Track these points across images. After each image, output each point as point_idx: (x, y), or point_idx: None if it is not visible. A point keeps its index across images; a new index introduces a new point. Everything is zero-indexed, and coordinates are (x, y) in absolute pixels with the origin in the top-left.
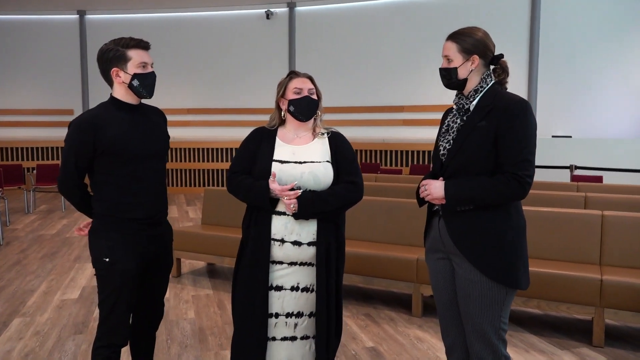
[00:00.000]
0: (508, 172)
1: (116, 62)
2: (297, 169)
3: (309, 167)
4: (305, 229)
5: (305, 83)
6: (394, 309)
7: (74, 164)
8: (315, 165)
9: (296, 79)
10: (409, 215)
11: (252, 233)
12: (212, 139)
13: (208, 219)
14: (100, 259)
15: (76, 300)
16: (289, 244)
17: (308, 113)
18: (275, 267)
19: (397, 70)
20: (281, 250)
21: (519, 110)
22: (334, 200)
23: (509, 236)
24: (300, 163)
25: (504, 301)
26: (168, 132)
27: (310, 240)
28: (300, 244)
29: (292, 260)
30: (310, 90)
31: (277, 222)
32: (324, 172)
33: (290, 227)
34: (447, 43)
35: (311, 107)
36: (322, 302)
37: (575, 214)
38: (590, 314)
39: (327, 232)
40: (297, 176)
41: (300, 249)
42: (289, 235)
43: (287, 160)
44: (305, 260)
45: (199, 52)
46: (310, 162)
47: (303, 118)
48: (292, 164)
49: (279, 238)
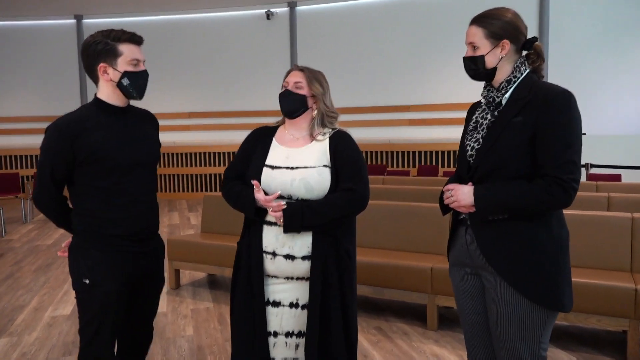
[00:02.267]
0: (549, 176)
1: (104, 57)
2: (286, 175)
3: (300, 173)
4: (298, 242)
5: (293, 76)
6: (407, 321)
7: (50, 174)
8: (308, 171)
9: (289, 74)
10: (421, 221)
11: (245, 243)
12: (214, 142)
13: (208, 226)
14: (80, 280)
15: (68, 316)
16: (281, 257)
17: (288, 109)
18: (270, 280)
19: (401, 69)
20: (273, 264)
21: (562, 102)
22: (327, 210)
23: (551, 250)
24: (291, 169)
25: (544, 325)
26: (159, 139)
27: (304, 254)
28: (294, 257)
29: (287, 275)
30: (296, 84)
31: (268, 234)
32: (318, 178)
33: (281, 240)
34: (472, 28)
35: (289, 101)
36: (313, 321)
37: (602, 217)
38: (623, 326)
39: (324, 246)
40: (287, 184)
41: (294, 264)
42: (280, 248)
43: (279, 166)
44: (301, 275)
45: (199, 55)
46: (303, 167)
47: (284, 113)
48: (282, 170)
49: (270, 251)
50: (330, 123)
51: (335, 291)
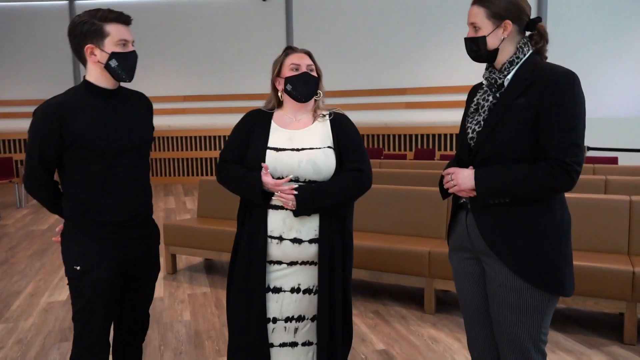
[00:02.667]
0: (553, 159)
1: (91, 38)
2: (293, 157)
3: (307, 154)
4: (306, 225)
5: (303, 59)
6: (404, 305)
7: (39, 158)
8: (314, 152)
9: (293, 55)
10: (418, 204)
11: (246, 229)
12: (209, 126)
13: (204, 211)
14: (71, 266)
15: (64, 302)
16: (288, 241)
17: (307, 92)
18: (272, 267)
19: (398, 51)
20: (279, 249)
21: (566, 83)
22: (338, 191)
23: (552, 233)
24: (297, 150)
25: (545, 309)
26: (152, 122)
27: (312, 237)
28: (301, 241)
29: (292, 260)
30: (309, 67)
31: (274, 218)
32: (325, 159)
33: (289, 223)
34: (474, 8)
35: (310, 84)
36: (324, 305)
37: (599, 200)
38: (620, 308)
39: (331, 228)
40: (294, 165)
41: (301, 247)
42: (287, 232)
43: (283, 148)
44: (307, 259)
45: (193, 38)
46: (309, 148)
47: (302, 98)
48: (288, 152)
49: (276, 235)
50: (322, 102)
51: (339, 274)
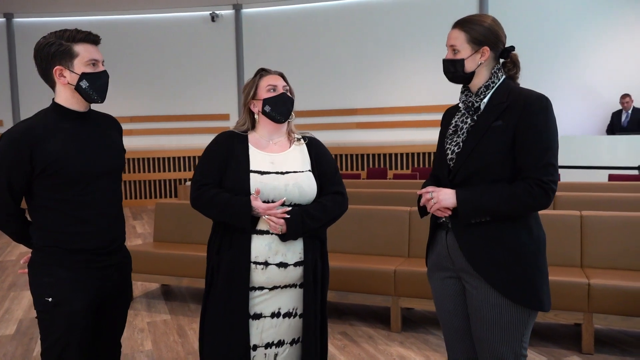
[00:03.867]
0: (530, 178)
1: (59, 59)
2: (279, 180)
3: (292, 177)
4: (291, 249)
5: (279, 80)
6: (371, 325)
7: (7, 186)
8: (298, 175)
9: (268, 76)
10: (380, 223)
11: (226, 257)
12: (157, 147)
13: (161, 235)
14: (42, 299)
15: (12, 336)
16: (274, 266)
17: (286, 112)
18: (254, 293)
19: (349, 72)
20: (264, 275)
21: (540, 107)
22: (324, 215)
23: (530, 251)
24: (282, 173)
25: (526, 325)
26: (123, 145)
27: (296, 260)
28: (287, 265)
29: (276, 284)
30: (284, 87)
31: (259, 243)
32: (308, 182)
33: (274, 248)
34: (454, 31)
35: (289, 105)
36: (310, 328)
37: (553, 215)
38: (578, 319)
39: (314, 250)
40: (281, 189)
41: (287, 271)
42: (273, 256)
43: (267, 171)
44: (289, 282)
45: (140, 57)
46: (293, 172)
47: (281, 118)
48: (273, 175)
49: (261, 261)
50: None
51: (318, 296)
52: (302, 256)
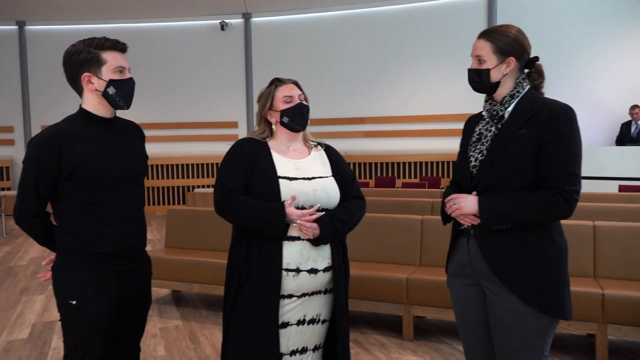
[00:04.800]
0: (553, 188)
1: (88, 66)
2: (307, 186)
3: (319, 183)
4: (321, 254)
5: (294, 90)
6: (383, 333)
7: (35, 189)
8: (324, 180)
9: (283, 87)
10: (393, 232)
11: (255, 265)
12: (166, 155)
13: (172, 241)
14: (66, 301)
15: (26, 340)
16: (305, 272)
17: (304, 121)
18: (283, 302)
19: (357, 81)
20: (294, 282)
21: (565, 117)
22: (350, 219)
23: (553, 259)
24: (309, 179)
25: (547, 333)
26: (146, 151)
27: (325, 265)
28: (317, 271)
29: (305, 291)
30: (300, 97)
31: (291, 250)
32: (333, 187)
33: (306, 254)
34: (480, 42)
35: (305, 114)
36: (344, 333)
37: (566, 225)
38: (591, 330)
39: (339, 254)
40: (310, 194)
41: (316, 277)
42: (305, 263)
43: (294, 177)
44: (319, 288)
45: (150, 66)
46: (319, 177)
47: (300, 128)
48: (300, 181)
49: (293, 268)
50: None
51: (344, 301)
52: (330, 261)
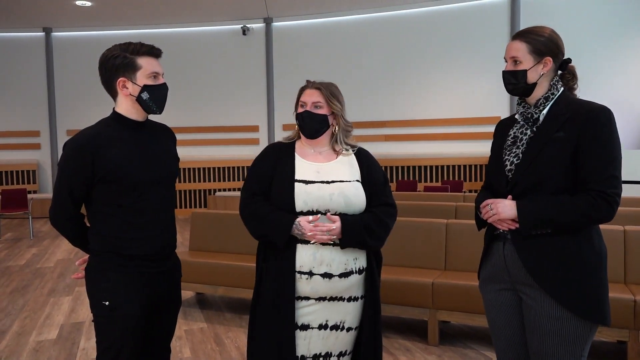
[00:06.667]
0: (594, 190)
1: (123, 71)
2: (324, 189)
3: (338, 187)
4: (336, 259)
5: (311, 96)
6: (408, 337)
7: (69, 191)
8: (345, 185)
9: (305, 91)
10: (417, 236)
11: (271, 267)
12: (188, 158)
13: (197, 244)
14: (99, 303)
15: (54, 341)
16: (318, 276)
17: (311, 130)
18: (300, 303)
19: (377, 84)
20: (308, 285)
21: (604, 118)
22: (382, 230)
23: (593, 264)
24: (327, 183)
25: (587, 338)
26: (177, 154)
27: (342, 271)
28: (331, 275)
29: (321, 296)
30: (315, 104)
31: (304, 252)
32: (355, 192)
33: (319, 258)
34: (515, 43)
35: (313, 123)
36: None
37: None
38: (623, 337)
39: (371, 262)
40: (326, 198)
41: (331, 282)
42: (317, 266)
43: (312, 180)
44: (336, 294)
45: (173, 70)
46: (339, 181)
47: (306, 134)
48: (318, 184)
49: (306, 270)
50: (346, 137)
51: (371, 309)
52: (348, 267)
